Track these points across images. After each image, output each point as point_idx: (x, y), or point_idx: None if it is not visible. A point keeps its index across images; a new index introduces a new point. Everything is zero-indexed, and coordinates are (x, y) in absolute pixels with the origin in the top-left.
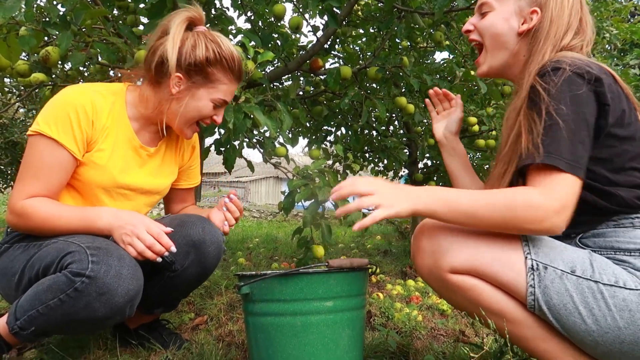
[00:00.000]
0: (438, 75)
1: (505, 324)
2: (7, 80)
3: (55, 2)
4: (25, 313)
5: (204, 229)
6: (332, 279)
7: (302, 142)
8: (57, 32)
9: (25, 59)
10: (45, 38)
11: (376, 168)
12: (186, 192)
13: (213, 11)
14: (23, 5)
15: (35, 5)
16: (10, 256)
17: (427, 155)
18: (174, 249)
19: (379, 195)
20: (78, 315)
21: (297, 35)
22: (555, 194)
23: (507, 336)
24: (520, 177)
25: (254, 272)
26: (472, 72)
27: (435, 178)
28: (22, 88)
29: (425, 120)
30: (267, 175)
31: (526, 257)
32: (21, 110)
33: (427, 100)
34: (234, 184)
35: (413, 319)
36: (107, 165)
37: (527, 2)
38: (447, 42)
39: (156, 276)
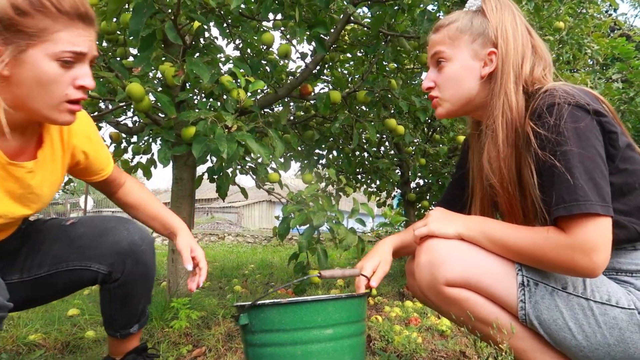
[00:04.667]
0: (425, 96)
1: (502, 336)
2: None
3: None
4: None
5: (128, 230)
6: (330, 306)
7: (294, 166)
8: None
9: None
10: None
11: (369, 189)
12: (109, 182)
13: (202, 40)
14: None
15: None
16: None
17: (419, 175)
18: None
19: (430, 219)
20: None
21: (286, 61)
22: (588, 240)
23: (507, 346)
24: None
25: (251, 302)
26: None
27: (428, 197)
28: None
29: (415, 140)
30: (260, 200)
31: (517, 273)
32: None
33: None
34: (226, 209)
35: (413, 341)
36: None
37: (479, 44)
38: None
39: (105, 294)
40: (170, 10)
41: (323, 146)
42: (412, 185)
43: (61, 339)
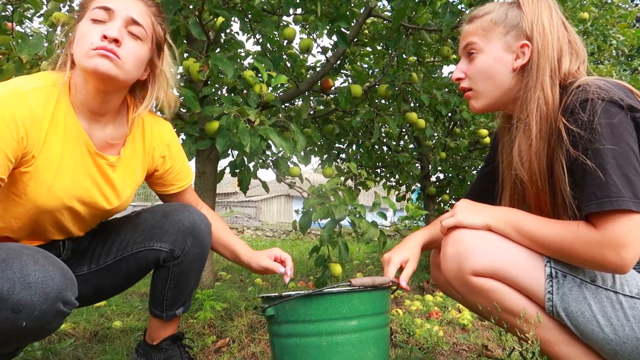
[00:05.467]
0: (447, 89)
1: (528, 326)
2: None
3: None
4: None
5: (189, 211)
6: (355, 298)
7: (313, 160)
8: None
9: None
10: None
11: (388, 183)
12: (184, 197)
13: (223, 35)
14: (45, 43)
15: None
16: None
17: (439, 168)
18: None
19: (457, 209)
20: (17, 337)
21: (305, 56)
22: (618, 237)
23: (533, 335)
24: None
25: (277, 294)
26: None
27: (448, 191)
28: None
29: (435, 134)
30: (278, 194)
31: (545, 265)
32: None
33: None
34: (245, 203)
35: (434, 334)
36: (52, 183)
37: (513, 36)
38: (454, 56)
39: (162, 271)
40: (193, 6)
41: (343, 140)
42: (432, 179)
43: (90, 328)
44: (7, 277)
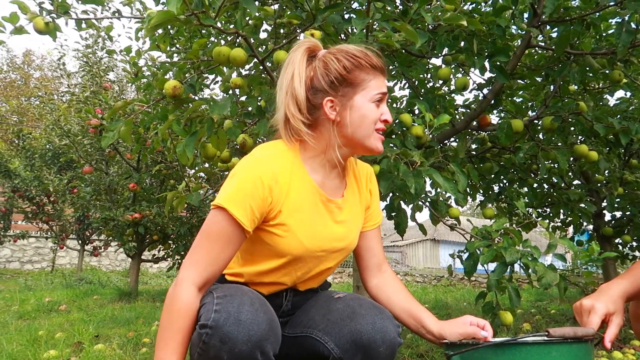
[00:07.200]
0: (619, 116)
1: None
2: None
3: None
4: None
5: (374, 325)
6: (554, 350)
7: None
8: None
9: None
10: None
11: (552, 224)
12: (372, 238)
13: None
14: (228, 105)
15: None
16: None
17: (616, 206)
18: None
19: None
20: None
21: (453, 95)
22: None
23: None
24: None
25: (464, 340)
26: None
27: (626, 231)
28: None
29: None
30: (424, 239)
31: None
32: (210, 191)
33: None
34: (390, 248)
35: None
36: (296, 231)
37: None
38: (626, 80)
39: None
40: None
41: (501, 178)
42: (606, 217)
43: None
44: (226, 309)
